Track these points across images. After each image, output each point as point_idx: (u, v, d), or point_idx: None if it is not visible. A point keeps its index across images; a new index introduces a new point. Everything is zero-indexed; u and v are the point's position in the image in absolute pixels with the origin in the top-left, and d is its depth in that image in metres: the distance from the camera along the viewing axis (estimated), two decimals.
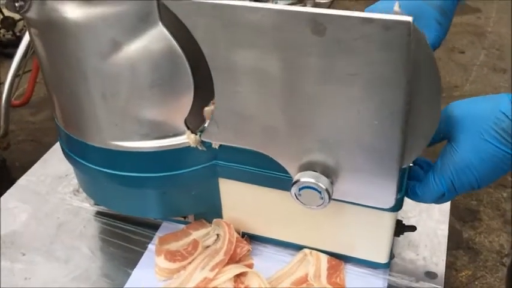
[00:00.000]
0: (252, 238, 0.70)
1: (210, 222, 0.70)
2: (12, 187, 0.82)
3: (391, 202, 0.57)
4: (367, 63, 0.48)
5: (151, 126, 0.60)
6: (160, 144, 0.60)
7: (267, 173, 0.62)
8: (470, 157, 0.53)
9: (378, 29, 0.45)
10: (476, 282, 1.48)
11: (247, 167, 0.62)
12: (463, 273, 1.50)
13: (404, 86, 0.48)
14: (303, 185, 0.56)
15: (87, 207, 0.78)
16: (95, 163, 0.64)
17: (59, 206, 0.79)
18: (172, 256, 0.67)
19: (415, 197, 0.58)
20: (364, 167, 0.55)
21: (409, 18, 0.44)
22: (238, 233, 0.69)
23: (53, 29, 0.55)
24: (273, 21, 0.49)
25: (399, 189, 0.57)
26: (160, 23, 0.53)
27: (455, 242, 1.58)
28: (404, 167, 0.55)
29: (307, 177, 0.56)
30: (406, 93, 0.49)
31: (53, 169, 0.85)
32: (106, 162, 0.63)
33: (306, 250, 0.67)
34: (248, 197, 0.66)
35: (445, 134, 0.55)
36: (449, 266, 1.48)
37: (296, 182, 0.57)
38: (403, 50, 0.46)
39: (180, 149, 0.61)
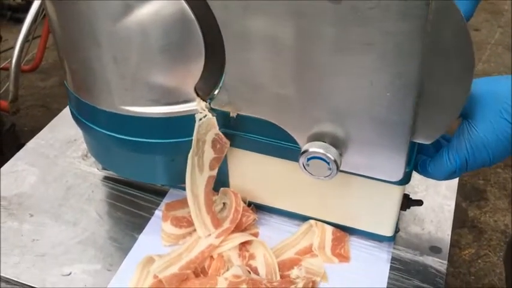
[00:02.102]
0: (258, 208, 0.70)
1: (217, 191, 0.70)
2: (21, 150, 0.83)
3: (399, 175, 0.57)
4: (383, 33, 0.47)
5: (162, 91, 0.59)
6: (170, 111, 0.60)
7: (276, 142, 0.61)
8: (487, 135, 0.52)
9: None
10: (479, 261, 1.48)
11: (255, 136, 0.62)
12: (467, 252, 1.51)
13: (419, 58, 0.48)
14: (312, 155, 0.56)
15: (95, 171, 0.78)
16: (104, 127, 0.64)
17: (67, 170, 0.79)
18: (178, 222, 0.67)
19: (425, 173, 0.58)
20: (374, 139, 0.55)
21: None
22: (245, 203, 0.69)
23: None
24: None
25: (408, 163, 0.57)
26: None
27: (461, 221, 1.58)
28: (428, 143, 0.55)
29: (316, 148, 0.56)
30: (421, 66, 0.48)
31: (62, 134, 0.85)
32: (115, 127, 0.63)
33: (312, 221, 0.67)
34: (255, 167, 0.66)
35: (462, 111, 0.55)
36: (453, 244, 1.49)
37: (304, 152, 0.57)
38: (420, 20, 0.45)
39: (189, 115, 0.60)
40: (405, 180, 0.58)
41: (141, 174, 0.69)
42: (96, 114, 0.63)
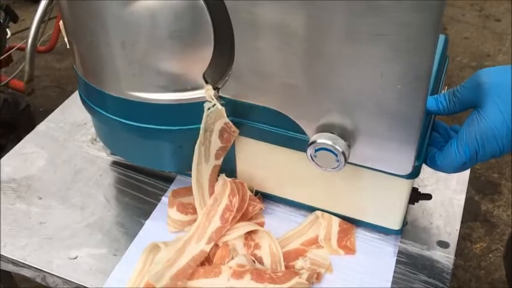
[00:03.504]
0: (265, 197, 0.70)
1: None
2: (31, 132, 0.83)
3: (408, 169, 0.56)
4: (396, 24, 0.46)
5: (170, 78, 0.59)
6: (178, 97, 0.60)
7: (284, 132, 0.60)
8: (498, 126, 0.51)
9: None
10: (490, 255, 1.47)
11: (263, 125, 0.61)
12: (478, 245, 1.49)
13: (433, 50, 0.46)
14: (320, 147, 0.55)
15: (103, 156, 0.78)
16: (112, 113, 0.63)
17: (76, 153, 0.79)
18: (184, 208, 0.67)
19: (435, 166, 0.57)
20: (383, 132, 0.54)
21: None
22: (252, 191, 0.68)
23: None
24: None
25: (418, 157, 0.56)
26: None
27: (473, 214, 1.56)
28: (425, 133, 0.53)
29: (324, 139, 0.55)
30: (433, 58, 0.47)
31: (72, 116, 0.85)
32: (123, 112, 0.63)
33: (318, 212, 0.67)
34: (263, 156, 0.65)
35: (472, 101, 0.53)
36: (465, 237, 1.47)
37: (312, 143, 0.56)
38: (435, 11, 0.43)
39: (197, 103, 0.60)
40: (414, 174, 0.57)
41: (148, 160, 0.69)
42: (103, 99, 0.63)
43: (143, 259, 0.62)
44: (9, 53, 1.74)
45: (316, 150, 0.56)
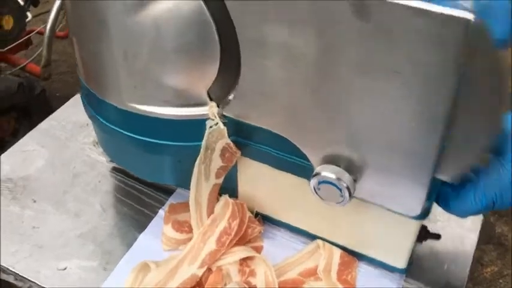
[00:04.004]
0: (265, 219, 0.67)
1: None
2: (34, 129, 0.81)
3: (417, 210, 0.52)
4: (414, 60, 0.42)
5: (172, 92, 0.55)
6: (180, 113, 0.56)
7: (288, 157, 0.57)
8: None
9: (432, 23, 0.39)
10: (501, 280, 1.42)
11: (267, 147, 0.58)
12: (489, 269, 1.44)
13: (453, 90, 0.42)
14: (323, 180, 0.52)
15: (104, 161, 0.76)
16: (111, 122, 0.61)
17: (76, 155, 0.77)
18: (180, 226, 0.64)
19: (447, 208, 0.53)
20: (393, 169, 0.50)
21: (470, 16, 0.38)
22: (252, 212, 0.65)
23: None
24: None
25: (429, 197, 0.52)
26: None
27: (487, 236, 1.51)
28: (449, 181, 0.49)
29: (328, 172, 0.51)
30: (453, 98, 0.43)
31: (76, 116, 0.83)
32: (122, 123, 0.60)
33: (319, 241, 0.63)
34: (265, 178, 0.62)
35: (493, 148, 0.49)
36: (476, 260, 1.42)
37: (316, 174, 0.52)
38: (457, 50, 0.39)
39: (199, 120, 0.57)
40: (423, 215, 0.53)
41: (147, 172, 0.66)
42: (104, 107, 0.60)
43: (132, 279, 0.59)
44: (29, 36, 1.74)
45: (319, 183, 0.52)
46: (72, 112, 0.84)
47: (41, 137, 0.80)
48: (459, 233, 0.67)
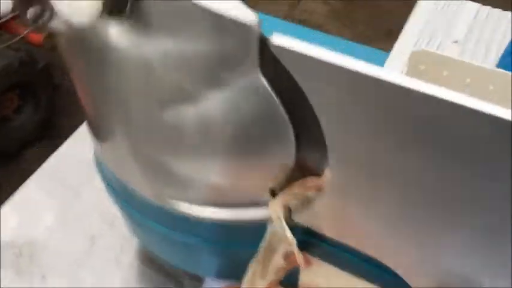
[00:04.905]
0: None
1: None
2: (39, 169, 0.67)
3: None
4: None
5: (220, 193, 0.41)
6: (230, 217, 0.42)
7: (370, 267, 0.44)
8: None
9: None
10: None
11: (346, 254, 0.44)
12: None
13: None
14: None
15: None
16: (139, 211, 0.47)
17: (92, 207, 0.63)
18: None
19: None
20: None
21: None
22: None
23: (90, 53, 0.35)
24: (450, 113, 0.28)
25: None
26: (259, 73, 0.32)
27: None
28: None
29: None
30: None
31: (89, 149, 0.68)
32: (154, 217, 0.46)
33: None
34: (332, 280, 0.48)
35: None
36: None
37: None
38: None
39: (257, 224, 0.43)
40: None
41: (182, 262, 0.53)
42: (134, 198, 0.46)
43: None
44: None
45: None
46: (84, 144, 0.69)
47: (48, 183, 0.66)
48: None
